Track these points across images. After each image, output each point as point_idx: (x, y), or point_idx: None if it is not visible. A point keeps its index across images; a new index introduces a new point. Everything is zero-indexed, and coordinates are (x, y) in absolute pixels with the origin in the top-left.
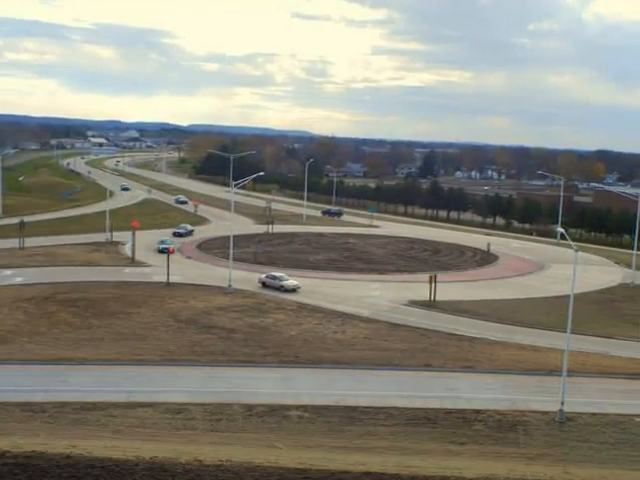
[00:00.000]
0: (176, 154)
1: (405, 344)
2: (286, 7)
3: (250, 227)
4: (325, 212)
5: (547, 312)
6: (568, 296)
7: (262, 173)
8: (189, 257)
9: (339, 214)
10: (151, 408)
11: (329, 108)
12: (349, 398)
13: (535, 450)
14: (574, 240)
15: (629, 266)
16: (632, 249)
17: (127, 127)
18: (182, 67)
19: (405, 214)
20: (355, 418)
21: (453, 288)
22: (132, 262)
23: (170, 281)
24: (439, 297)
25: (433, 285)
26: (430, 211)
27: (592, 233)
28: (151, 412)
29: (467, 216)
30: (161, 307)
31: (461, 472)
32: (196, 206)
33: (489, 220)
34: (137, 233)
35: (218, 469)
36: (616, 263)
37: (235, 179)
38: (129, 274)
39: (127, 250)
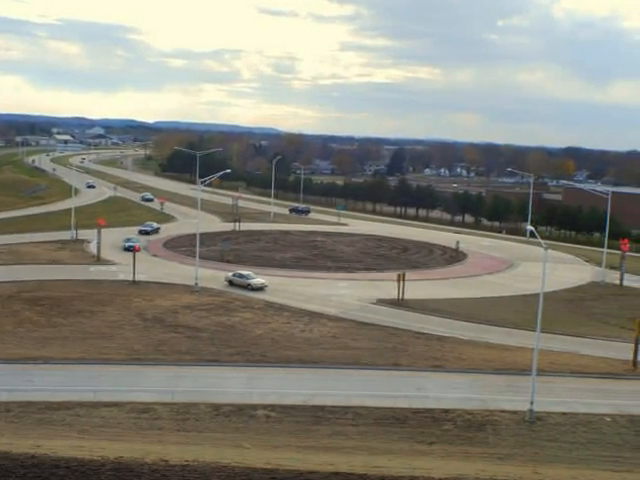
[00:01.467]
0: (142, 151)
1: (373, 343)
2: (253, 3)
3: (217, 225)
4: (293, 210)
5: (516, 311)
6: (538, 294)
7: (229, 170)
8: (155, 255)
9: (307, 212)
10: (117, 408)
11: (296, 105)
12: (317, 397)
13: (504, 450)
14: (544, 238)
15: (599, 264)
16: (602, 247)
17: (92, 124)
18: (148, 63)
19: (373, 212)
20: (323, 418)
21: (422, 286)
22: (98, 260)
23: (136, 279)
24: (408, 296)
25: (401, 284)
26: (398, 209)
27: (562, 231)
28: (117, 412)
29: (436, 214)
30: (127, 306)
31: (430, 472)
32: (162, 204)
33: (458, 218)
34: (103, 231)
35: (184, 469)
36: (586, 261)
37: (202, 176)
38: (95, 272)
39: (93, 248)
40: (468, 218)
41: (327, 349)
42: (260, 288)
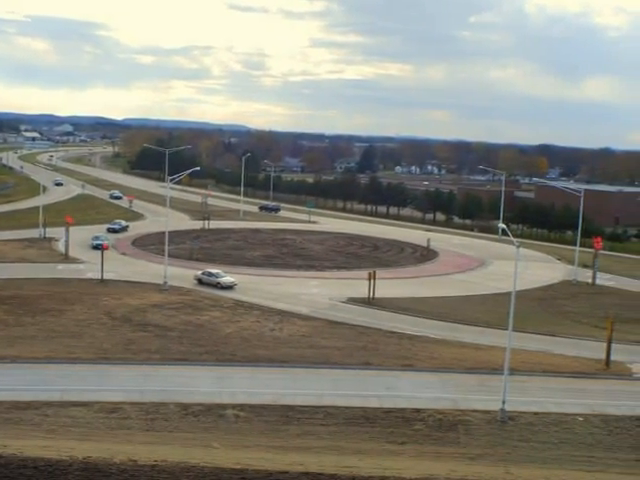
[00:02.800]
0: (110, 148)
1: (344, 342)
2: None
3: (186, 223)
4: (262, 208)
5: (488, 309)
6: (509, 293)
7: (198, 168)
8: (124, 253)
9: (276, 210)
10: (85, 407)
11: (267, 102)
12: (287, 397)
13: (476, 450)
14: (516, 236)
15: (572, 262)
16: (575, 245)
17: (61, 121)
18: (117, 60)
19: (344, 210)
20: (293, 417)
21: (393, 285)
22: (66, 258)
23: (104, 278)
24: (378, 294)
25: (372, 282)
26: (369, 207)
27: (534, 229)
28: (85, 411)
29: (407, 212)
30: (95, 304)
31: (400, 472)
32: (131, 201)
33: (429, 216)
34: (71, 229)
35: (153, 469)
36: (558, 259)
37: (171, 174)
38: (62, 271)
39: (60, 246)
40: (439, 216)
41: (297, 348)
42: (230, 287)
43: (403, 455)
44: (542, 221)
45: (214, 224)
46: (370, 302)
